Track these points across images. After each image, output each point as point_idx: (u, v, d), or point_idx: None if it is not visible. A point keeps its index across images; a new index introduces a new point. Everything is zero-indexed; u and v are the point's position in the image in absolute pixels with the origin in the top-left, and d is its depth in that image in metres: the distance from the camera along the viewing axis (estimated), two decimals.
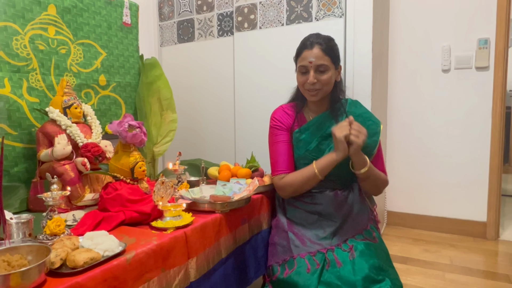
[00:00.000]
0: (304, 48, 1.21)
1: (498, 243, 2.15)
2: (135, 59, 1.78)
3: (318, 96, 1.22)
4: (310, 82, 1.18)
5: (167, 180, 1.03)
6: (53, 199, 0.85)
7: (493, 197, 2.19)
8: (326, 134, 1.24)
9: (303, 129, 1.26)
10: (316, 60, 1.17)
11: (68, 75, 1.45)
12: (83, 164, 1.16)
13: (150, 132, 1.70)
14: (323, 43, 1.19)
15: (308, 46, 1.19)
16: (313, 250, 1.13)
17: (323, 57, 1.18)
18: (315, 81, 1.18)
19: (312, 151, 1.24)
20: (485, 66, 2.16)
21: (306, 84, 1.20)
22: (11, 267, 0.62)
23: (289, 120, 1.29)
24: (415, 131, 2.38)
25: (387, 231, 2.40)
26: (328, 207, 1.21)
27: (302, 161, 1.26)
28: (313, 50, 1.18)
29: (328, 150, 1.22)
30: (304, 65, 1.19)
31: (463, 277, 1.72)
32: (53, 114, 1.22)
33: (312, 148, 1.24)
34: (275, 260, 1.18)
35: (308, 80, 1.19)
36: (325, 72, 1.19)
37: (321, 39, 1.20)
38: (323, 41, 1.19)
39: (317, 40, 1.19)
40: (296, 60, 1.25)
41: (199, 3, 2.14)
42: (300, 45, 1.24)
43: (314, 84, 1.19)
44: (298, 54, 1.23)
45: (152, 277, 0.80)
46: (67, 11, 1.43)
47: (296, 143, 1.27)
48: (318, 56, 1.17)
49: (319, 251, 1.12)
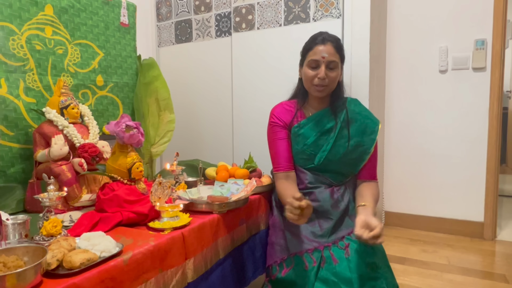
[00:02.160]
0: (316, 43, 1.22)
1: (495, 243, 2.16)
2: (133, 59, 1.78)
3: (324, 92, 1.24)
4: (321, 77, 1.20)
5: (164, 181, 1.03)
6: (49, 200, 0.85)
7: (490, 197, 2.20)
8: (325, 130, 1.25)
9: (303, 124, 1.27)
10: (329, 56, 1.19)
11: (65, 75, 1.45)
12: (80, 165, 1.16)
13: (148, 133, 1.70)
14: (335, 41, 1.22)
15: (320, 42, 1.21)
16: (310, 247, 1.13)
17: (335, 54, 1.21)
18: (325, 76, 1.20)
19: (310, 145, 1.25)
20: (482, 67, 2.17)
21: (315, 79, 1.21)
22: (7, 268, 0.62)
23: (288, 117, 1.30)
24: (413, 132, 2.39)
25: (385, 231, 2.40)
26: (325, 204, 1.22)
27: (300, 156, 1.27)
28: (326, 45, 1.20)
29: (325, 146, 1.24)
30: (316, 59, 1.20)
31: (461, 277, 1.73)
32: (50, 115, 1.21)
33: (310, 143, 1.25)
34: (273, 259, 1.18)
35: (319, 75, 1.20)
36: (335, 70, 1.22)
37: (332, 38, 1.23)
38: (334, 40, 1.22)
39: (329, 38, 1.22)
40: (306, 55, 1.26)
41: (197, 4, 2.14)
42: (311, 40, 1.26)
43: (323, 79, 1.20)
44: (309, 49, 1.24)
45: (150, 278, 0.80)
46: (64, 11, 1.43)
47: (294, 137, 1.28)
48: (331, 52, 1.20)
49: (316, 249, 1.12)
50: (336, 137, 1.24)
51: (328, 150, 1.24)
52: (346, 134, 1.25)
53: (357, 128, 1.25)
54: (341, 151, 1.24)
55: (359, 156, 1.25)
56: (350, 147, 1.24)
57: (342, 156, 1.22)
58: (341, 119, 1.26)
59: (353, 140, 1.24)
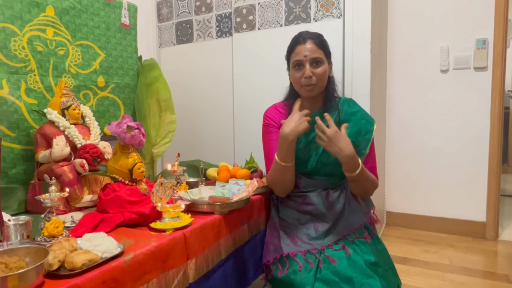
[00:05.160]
0: (297, 44, 1.21)
1: (497, 243, 2.16)
2: (134, 60, 1.78)
3: (314, 91, 1.22)
4: (306, 75, 1.18)
5: (166, 181, 1.03)
6: (51, 201, 0.85)
7: (492, 197, 2.19)
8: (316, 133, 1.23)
9: None
10: (311, 54, 1.18)
11: (67, 76, 1.45)
12: (82, 166, 1.16)
13: (149, 133, 1.70)
14: (315, 38, 1.21)
15: (301, 42, 1.21)
16: (302, 249, 1.12)
17: (317, 50, 1.19)
18: (311, 74, 1.18)
19: (302, 150, 1.24)
20: (483, 66, 2.17)
21: (302, 79, 1.20)
22: (9, 269, 0.62)
23: (281, 119, 1.28)
24: (414, 131, 2.38)
25: (387, 231, 2.39)
26: (320, 208, 1.20)
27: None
28: (306, 44, 1.19)
29: (317, 149, 1.23)
30: (299, 60, 1.20)
31: (463, 277, 1.72)
32: (52, 116, 1.22)
33: (302, 148, 1.24)
34: (266, 258, 1.18)
35: (305, 74, 1.18)
36: (320, 65, 1.20)
37: (312, 35, 1.22)
38: (314, 36, 1.21)
39: (309, 36, 1.21)
40: (289, 57, 1.26)
41: (198, 4, 2.14)
42: (292, 42, 1.25)
43: (310, 78, 1.19)
44: (291, 51, 1.24)
45: (151, 279, 0.80)
46: (65, 12, 1.43)
47: None
48: (312, 50, 1.19)
49: (309, 251, 1.11)
50: None
51: (320, 154, 1.23)
52: None
53: (351, 129, 1.22)
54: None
55: None
56: None
57: (334, 158, 1.19)
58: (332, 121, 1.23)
59: None
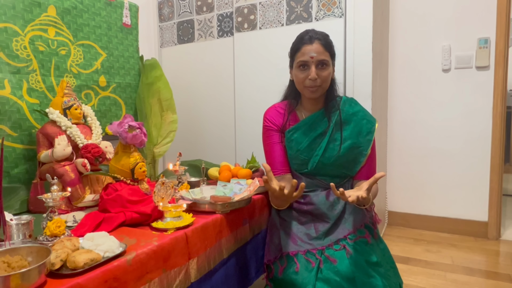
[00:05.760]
0: (303, 43, 1.17)
1: (500, 243, 2.15)
2: (135, 60, 1.78)
3: (318, 93, 1.20)
4: (312, 77, 1.15)
5: (167, 181, 1.03)
6: (53, 200, 0.85)
7: (494, 196, 2.19)
8: (317, 133, 1.22)
9: (294, 129, 1.25)
10: (317, 55, 1.14)
11: (68, 76, 1.45)
12: (83, 165, 1.16)
13: (151, 133, 1.70)
14: (322, 39, 1.17)
15: (307, 41, 1.16)
16: (302, 249, 1.12)
17: (324, 52, 1.16)
18: (317, 76, 1.15)
19: (303, 151, 1.23)
20: (485, 65, 2.16)
21: (306, 81, 1.17)
22: (11, 268, 0.62)
23: (282, 120, 1.27)
24: (416, 131, 2.38)
25: (388, 231, 2.39)
26: (320, 208, 1.20)
27: (294, 161, 1.26)
28: (313, 45, 1.15)
29: (318, 150, 1.22)
30: (305, 60, 1.16)
31: (465, 277, 1.72)
32: (53, 115, 1.22)
33: (303, 148, 1.23)
34: (267, 258, 1.18)
35: (310, 76, 1.15)
36: (326, 68, 1.17)
37: (319, 35, 1.18)
38: (322, 37, 1.17)
39: (316, 36, 1.17)
40: (294, 56, 1.21)
41: (199, 4, 2.14)
42: (297, 40, 1.21)
43: (315, 80, 1.16)
44: (297, 49, 1.19)
45: (153, 278, 0.80)
46: (67, 12, 1.43)
47: (288, 143, 1.26)
48: (319, 51, 1.15)
49: (309, 251, 1.11)
50: (328, 140, 1.21)
51: (321, 154, 1.21)
52: (339, 137, 1.21)
53: (352, 130, 1.21)
54: (334, 154, 1.20)
55: (355, 158, 1.22)
56: (343, 149, 1.20)
57: (335, 159, 1.19)
58: (333, 121, 1.22)
59: (347, 142, 1.20)
